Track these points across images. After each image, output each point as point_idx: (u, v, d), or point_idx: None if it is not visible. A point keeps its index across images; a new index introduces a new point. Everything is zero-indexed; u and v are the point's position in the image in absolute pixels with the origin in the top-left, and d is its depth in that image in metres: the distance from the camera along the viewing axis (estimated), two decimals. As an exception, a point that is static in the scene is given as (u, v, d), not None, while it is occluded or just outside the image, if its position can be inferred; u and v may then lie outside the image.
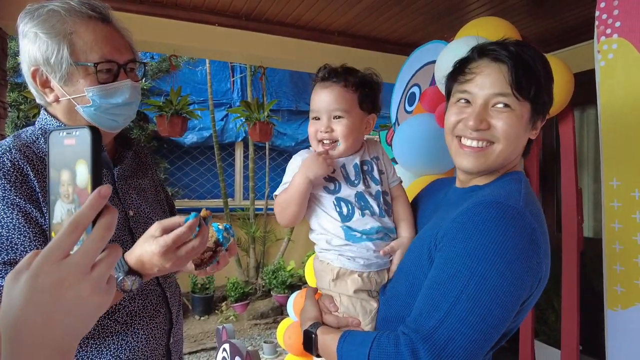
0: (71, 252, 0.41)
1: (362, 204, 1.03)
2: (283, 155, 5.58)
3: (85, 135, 0.43)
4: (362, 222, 1.02)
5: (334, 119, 1.03)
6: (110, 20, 0.95)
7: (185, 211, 0.89)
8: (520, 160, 0.99)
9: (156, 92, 4.69)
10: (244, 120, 3.60)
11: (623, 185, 1.27)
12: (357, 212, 1.02)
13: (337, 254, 1.02)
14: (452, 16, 3.09)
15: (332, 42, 3.48)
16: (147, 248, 0.77)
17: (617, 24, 1.25)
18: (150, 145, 4.57)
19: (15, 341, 0.40)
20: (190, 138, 5.00)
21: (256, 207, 5.09)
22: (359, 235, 1.01)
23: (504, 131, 0.88)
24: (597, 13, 1.31)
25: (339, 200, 1.03)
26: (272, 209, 5.31)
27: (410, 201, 1.15)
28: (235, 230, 5.29)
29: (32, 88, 0.94)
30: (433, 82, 1.95)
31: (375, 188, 1.07)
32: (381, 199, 1.06)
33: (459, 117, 0.93)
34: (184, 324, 4.80)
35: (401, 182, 1.16)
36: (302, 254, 5.25)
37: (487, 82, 0.89)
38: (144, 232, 0.81)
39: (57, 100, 0.93)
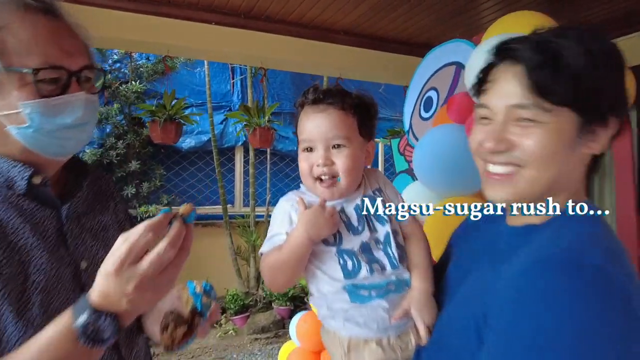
0: None
1: (369, 257, 0.83)
2: (285, 160, 5.36)
3: None
4: (371, 279, 0.82)
5: (332, 148, 0.84)
6: (58, 13, 0.72)
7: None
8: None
9: (152, 95, 4.48)
10: (243, 125, 3.38)
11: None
12: (365, 267, 0.82)
13: (342, 320, 0.81)
14: (464, 15, 2.87)
15: (337, 41, 3.26)
16: (102, 271, 0.57)
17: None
18: (146, 150, 4.36)
19: None
20: (188, 142, 4.78)
21: (257, 213, 4.87)
22: (367, 293, 0.81)
23: (532, 152, 0.67)
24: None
25: (341, 253, 0.82)
26: (273, 216, 5.09)
27: (446, 241, 0.93)
28: (235, 239, 5.07)
29: None
30: (454, 86, 1.73)
31: (383, 230, 0.86)
32: (392, 243, 0.85)
33: (480, 138, 0.72)
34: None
35: (414, 217, 0.93)
36: (304, 263, 5.04)
37: (504, 92, 0.69)
38: None
39: None
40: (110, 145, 4.15)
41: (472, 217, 0.88)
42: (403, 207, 0.91)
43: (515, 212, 0.75)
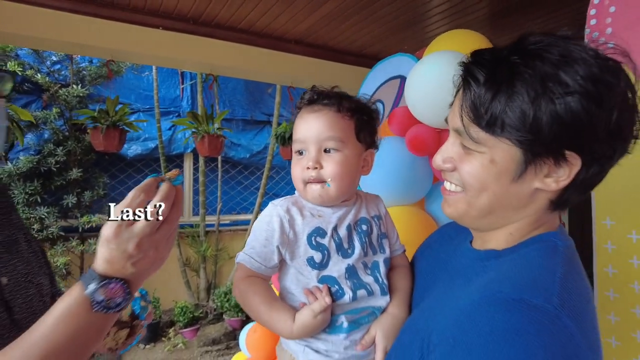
0: None
1: (355, 281, 0.79)
2: (237, 168, 5.28)
3: None
4: (352, 305, 0.78)
5: (324, 152, 0.80)
6: None
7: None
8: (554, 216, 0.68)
9: (95, 99, 4.27)
10: (191, 132, 3.29)
11: (617, 226, 1.14)
12: (348, 294, 0.77)
13: (303, 345, 0.78)
14: (414, 28, 2.98)
15: (288, 50, 3.27)
16: (102, 239, 0.58)
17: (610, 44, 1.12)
18: (88, 158, 4.13)
19: None
20: (133, 149, 4.59)
21: (207, 223, 4.75)
22: (341, 322, 0.77)
23: (465, 178, 0.65)
24: (587, 30, 1.19)
25: (324, 279, 0.78)
26: (224, 225, 4.99)
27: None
28: (185, 249, 4.94)
29: None
30: (398, 100, 1.78)
31: (372, 258, 0.83)
32: (381, 271, 0.82)
33: (437, 154, 0.71)
34: (127, 353, 4.38)
35: (404, 250, 0.92)
36: (257, 272, 4.97)
37: (453, 112, 0.66)
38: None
39: None
40: (48, 151, 3.90)
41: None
42: (397, 238, 0.89)
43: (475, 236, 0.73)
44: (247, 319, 4.38)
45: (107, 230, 0.58)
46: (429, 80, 1.16)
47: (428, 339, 0.61)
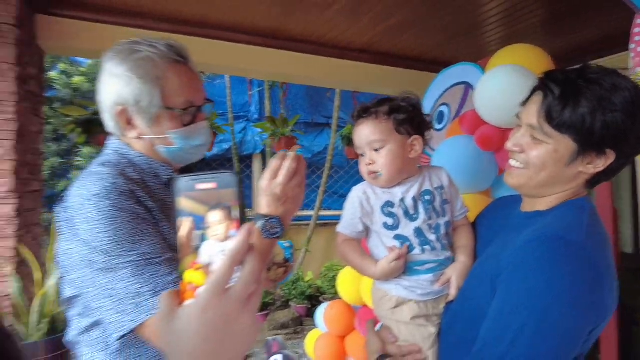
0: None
1: (422, 239, 1.05)
2: (299, 167, 5.64)
3: (230, 179, 0.46)
4: (421, 257, 1.04)
5: (374, 151, 1.06)
6: (190, 61, 0.99)
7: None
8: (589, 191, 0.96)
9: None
10: (268, 135, 3.69)
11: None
12: (417, 249, 1.04)
13: (394, 284, 1.06)
14: (470, 35, 3.17)
15: (353, 59, 3.56)
16: (260, 191, 0.87)
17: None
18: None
19: None
20: (211, 151, 5.10)
21: (274, 218, 5.14)
22: (417, 268, 1.05)
23: (531, 161, 0.91)
24: (631, 46, 1.39)
25: (398, 237, 1.05)
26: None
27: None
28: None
29: (112, 121, 0.97)
30: (463, 103, 2.03)
31: (436, 220, 1.07)
32: (442, 232, 1.07)
33: (510, 139, 0.97)
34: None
35: (467, 213, 1.15)
36: (319, 265, 5.31)
37: (528, 112, 0.92)
38: None
39: (138, 137, 0.97)
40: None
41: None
42: (461, 205, 1.13)
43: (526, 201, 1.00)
44: (313, 307, 4.73)
45: (262, 185, 0.87)
46: (496, 88, 1.41)
47: (497, 268, 0.89)
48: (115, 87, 0.94)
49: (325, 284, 5.03)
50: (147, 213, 0.89)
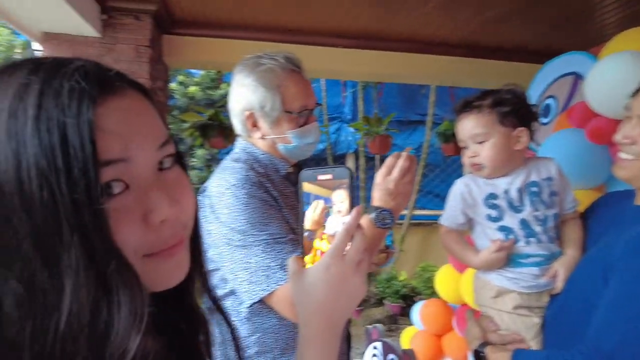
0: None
1: (527, 231, 1.04)
2: (393, 166, 5.65)
3: (344, 172, 0.57)
4: (526, 249, 1.04)
5: (477, 144, 1.07)
6: (303, 70, 1.15)
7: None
8: None
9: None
10: (361, 134, 3.79)
11: None
12: (522, 241, 1.04)
13: (497, 274, 1.07)
14: (580, 21, 2.94)
15: (449, 54, 3.49)
16: (375, 185, 0.99)
17: None
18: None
19: (311, 323, 0.52)
20: (306, 151, 5.34)
21: (367, 216, 5.22)
22: (522, 261, 1.05)
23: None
24: None
25: (502, 228, 1.06)
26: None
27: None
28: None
29: (240, 124, 1.15)
30: (571, 95, 1.91)
31: (544, 212, 1.06)
32: (550, 224, 1.06)
33: (619, 131, 0.95)
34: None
35: (577, 205, 1.13)
36: (413, 264, 5.26)
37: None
38: None
39: (262, 137, 1.14)
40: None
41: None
42: (572, 198, 1.11)
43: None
44: (407, 306, 4.72)
45: (377, 178, 0.98)
46: (611, 77, 1.33)
47: (609, 263, 0.87)
48: (244, 95, 1.11)
49: (420, 285, 4.98)
50: (273, 200, 1.04)
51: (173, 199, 0.41)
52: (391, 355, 1.66)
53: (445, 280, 2.36)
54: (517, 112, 1.07)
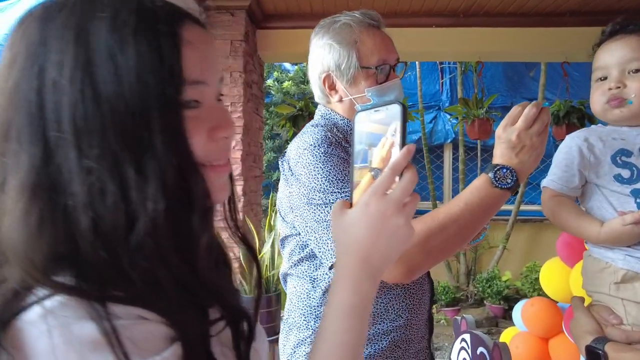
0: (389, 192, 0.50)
1: None
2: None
3: (396, 109, 0.52)
4: None
5: (628, 74, 0.87)
6: (383, 26, 1.08)
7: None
8: None
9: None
10: (458, 120, 3.52)
11: None
12: None
13: (624, 253, 0.87)
14: None
15: (561, 25, 3.11)
16: (501, 136, 0.84)
17: None
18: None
19: (344, 261, 0.50)
20: (399, 142, 5.17)
21: (466, 210, 4.89)
22: None
23: None
24: None
25: (635, 192, 0.86)
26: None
27: None
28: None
29: (318, 90, 1.10)
30: None
31: None
32: None
33: None
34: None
35: None
36: (519, 264, 4.80)
37: None
38: None
39: (340, 100, 1.07)
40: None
41: None
42: None
43: None
44: (510, 308, 4.32)
45: (498, 131, 0.83)
46: None
47: None
48: (320, 57, 1.07)
49: (526, 286, 4.52)
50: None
51: (230, 121, 0.49)
52: (481, 349, 1.49)
53: (553, 276, 2.08)
54: None
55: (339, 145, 0.98)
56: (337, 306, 0.49)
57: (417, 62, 4.86)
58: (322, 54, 1.05)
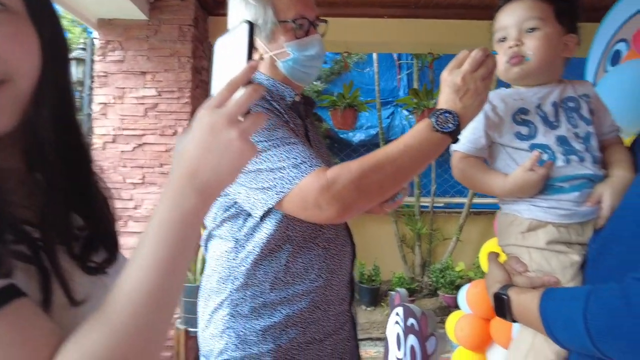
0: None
1: (566, 147, 0.87)
2: (451, 152, 5.36)
3: (244, 27, 0.53)
4: (565, 170, 0.87)
5: (525, 32, 0.89)
6: None
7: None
8: None
9: (328, 94, 5.05)
10: (410, 110, 3.58)
11: None
12: (560, 159, 0.87)
13: (528, 204, 0.89)
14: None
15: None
16: (446, 79, 0.85)
17: None
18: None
19: (176, 172, 0.49)
20: (358, 137, 5.22)
21: (422, 204, 4.99)
22: (561, 185, 0.87)
23: None
24: None
25: (534, 146, 0.89)
26: (438, 207, 5.13)
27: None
28: (400, 227, 5.26)
29: None
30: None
31: (585, 129, 0.89)
32: (593, 142, 0.89)
33: None
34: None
35: (619, 132, 0.95)
36: (472, 255, 4.93)
37: None
38: None
39: (260, 58, 1.06)
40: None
41: None
42: (611, 121, 0.94)
43: None
44: (462, 298, 4.43)
45: (443, 74, 0.83)
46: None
47: None
48: (236, 14, 1.05)
49: (479, 275, 4.64)
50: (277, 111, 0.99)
51: None
52: (411, 319, 1.52)
53: (493, 256, 2.13)
54: (572, 14, 0.92)
55: (264, 99, 0.98)
56: (154, 221, 0.46)
57: (374, 59, 4.91)
58: (239, 11, 1.04)
